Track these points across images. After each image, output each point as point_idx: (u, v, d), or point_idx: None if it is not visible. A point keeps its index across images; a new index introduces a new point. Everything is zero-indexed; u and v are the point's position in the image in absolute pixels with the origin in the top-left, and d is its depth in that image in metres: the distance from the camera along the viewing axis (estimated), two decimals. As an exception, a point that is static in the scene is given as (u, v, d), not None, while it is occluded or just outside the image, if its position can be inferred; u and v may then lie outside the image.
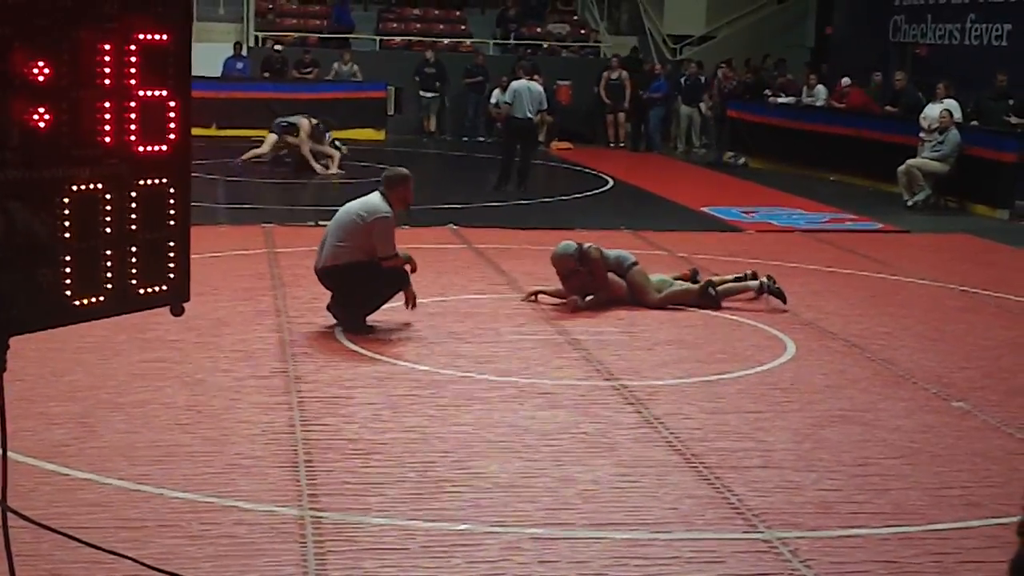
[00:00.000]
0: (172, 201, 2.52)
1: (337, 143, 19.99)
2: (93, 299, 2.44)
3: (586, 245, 10.53)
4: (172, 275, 2.54)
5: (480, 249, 13.06)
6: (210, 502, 5.89)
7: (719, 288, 10.75)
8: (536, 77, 20.18)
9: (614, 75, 25.89)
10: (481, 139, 26.03)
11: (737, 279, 10.98)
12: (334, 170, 19.38)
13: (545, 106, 19.07)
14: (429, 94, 26.37)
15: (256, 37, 27.65)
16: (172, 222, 2.53)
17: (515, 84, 18.53)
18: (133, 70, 2.35)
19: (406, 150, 23.18)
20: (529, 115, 18.18)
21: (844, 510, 6.12)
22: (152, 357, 8.35)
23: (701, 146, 25.67)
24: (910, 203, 17.90)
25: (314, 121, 19.70)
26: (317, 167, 19.36)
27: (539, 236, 13.71)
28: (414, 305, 9.49)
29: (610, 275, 10.57)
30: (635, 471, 6.55)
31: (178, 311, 2.56)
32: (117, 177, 2.44)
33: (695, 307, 10.61)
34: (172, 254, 2.52)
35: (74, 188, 2.36)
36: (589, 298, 10.43)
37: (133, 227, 2.47)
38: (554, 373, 8.43)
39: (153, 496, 5.92)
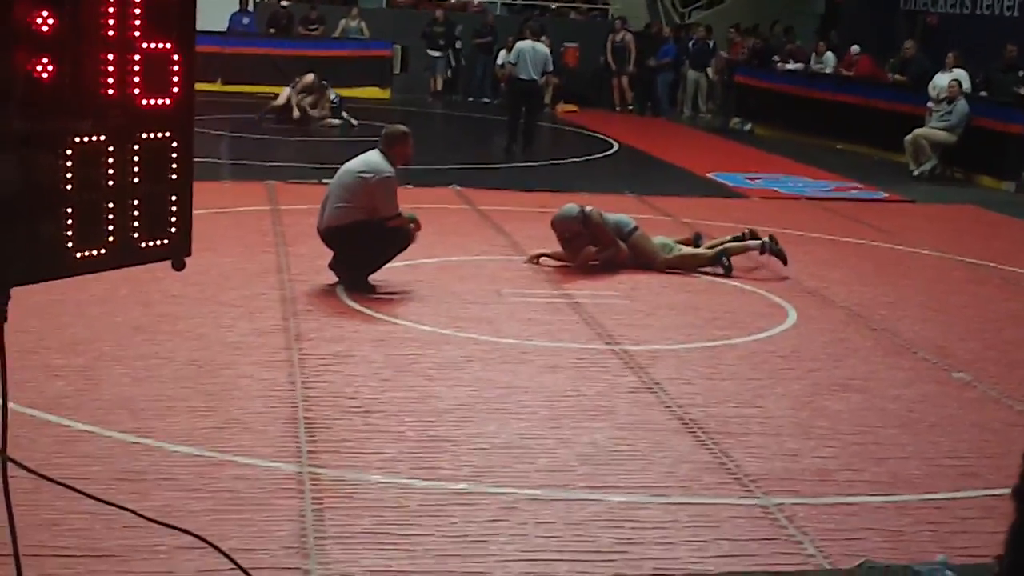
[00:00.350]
0: (175, 155, 2.52)
1: (345, 115, 20.07)
2: (94, 251, 2.44)
3: (587, 208, 10.53)
4: (174, 229, 2.54)
5: (483, 210, 13.05)
6: (210, 456, 5.91)
7: (721, 249, 10.74)
8: (543, 39, 20.13)
9: (618, 38, 25.78)
10: (487, 100, 25.95)
11: (735, 239, 10.96)
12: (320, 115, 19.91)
13: (551, 68, 18.98)
14: (436, 53, 26.27)
15: (262, -8, 27.53)
16: (174, 176, 2.53)
17: (519, 44, 18.45)
18: (137, 22, 2.35)
19: (411, 109, 23.12)
20: (533, 77, 18.11)
21: (841, 478, 6.14)
22: (154, 311, 8.36)
23: (707, 111, 25.59)
24: (916, 173, 17.87)
25: (317, 79, 20.09)
26: (300, 113, 19.86)
27: (542, 198, 13.70)
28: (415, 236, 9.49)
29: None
30: (633, 435, 6.57)
31: (179, 265, 2.56)
32: (119, 129, 2.44)
33: (701, 271, 10.60)
34: (174, 208, 2.52)
35: (76, 140, 2.36)
36: (593, 259, 10.45)
37: (135, 180, 2.47)
38: (555, 335, 8.44)
39: (153, 449, 5.95)
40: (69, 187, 2.36)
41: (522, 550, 5.11)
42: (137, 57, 2.40)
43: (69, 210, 2.36)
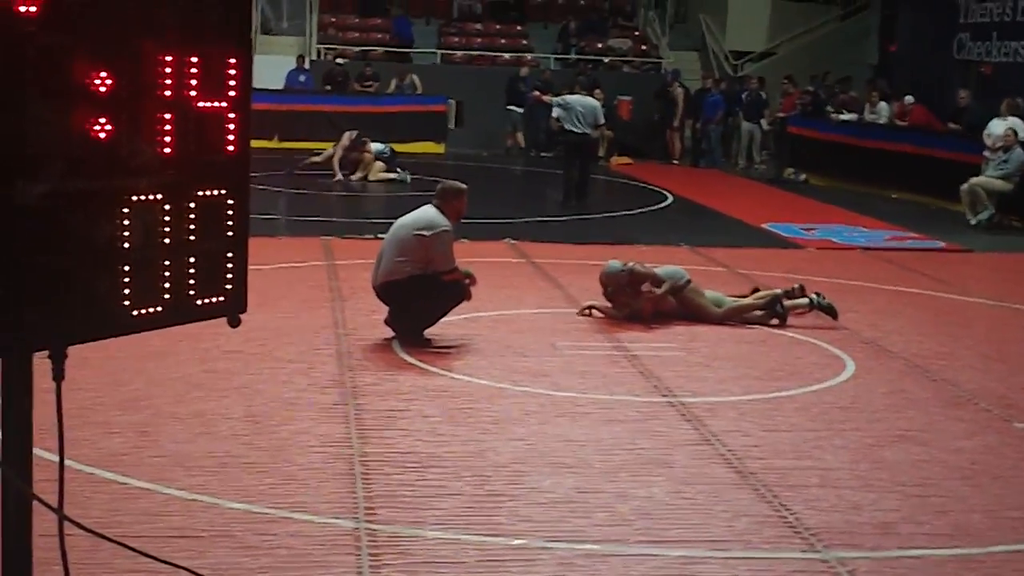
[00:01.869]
0: (230, 212, 2.54)
1: (399, 170, 20.30)
2: (151, 309, 2.46)
3: (630, 263, 10.51)
4: (229, 285, 2.56)
5: (538, 263, 13.06)
6: (266, 513, 5.91)
7: (773, 296, 10.65)
8: (597, 92, 20.17)
9: (672, 91, 25.86)
10: (544, 155, 26.05)
11: (786, 294, 10.80)
12: (362, 175, 20.24)
13: (601, 121, 19.04)
14: (518, 109, 26.38)
15: (318, 50, 27.87)
16: (230, 233, 2.55)
17: (568, 98, 18.52)
18: (193, 81, 2.37)
19: (467, 164, 23.22)
20: (585, 130, 18.18)
21: (903, 531, 6.04)
22: (211, 367, 8.41)
23: (761, 162, 25.53)
24: (973, 222, 17.70)
25: (353, 135, 20.61)
26: (339, 174, 20.15)
27: (597, 251, 13.67)
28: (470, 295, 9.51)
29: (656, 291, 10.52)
30: (691, 488, 6.51)
31: (235, 322, 2.57)
32: (176, 187, 2.46)
33: (756, 323, 10.54)
34: (230, 264, 2.53)
35: (133, 198, 2.38)
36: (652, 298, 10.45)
37: (191, 237, 2.49)
38: (611, 388, 8.40)
39: (210, 506, 5.96)
40: (126, 245, 2.38)
41: (580, 606, 5.06)
42: (193, 115, 2.43)
43: (126, 268, 2.37)
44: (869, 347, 9.90)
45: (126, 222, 2.38)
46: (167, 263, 2.45)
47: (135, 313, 2.43)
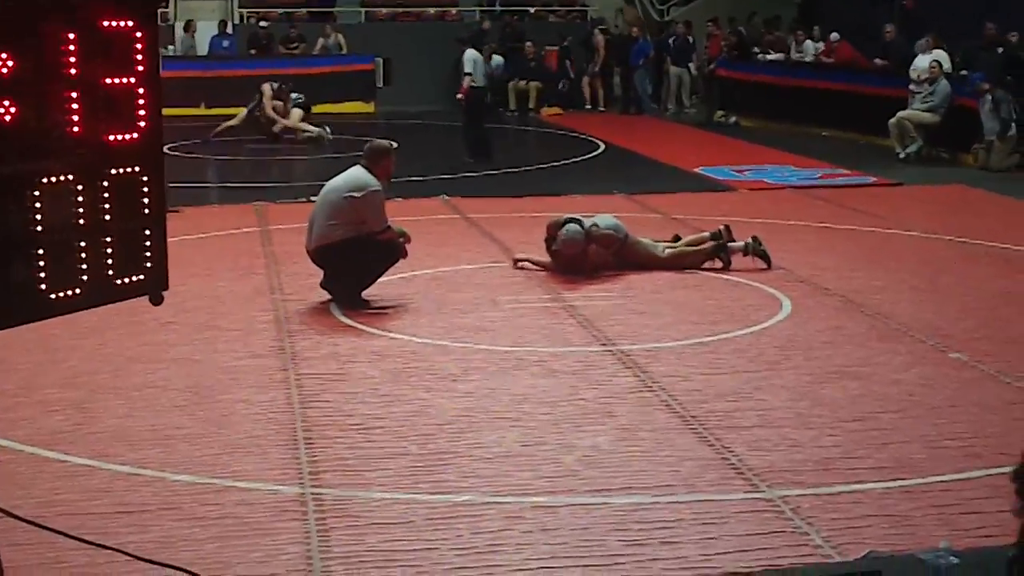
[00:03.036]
0: (146, 189, 2.50)
1: (322, 127, 20.15)
2: (69, 292, 2.42)
3: (587, 225, 10.39)
4: (149, 263, 2.52)
5: (473, 219, 13.03)
6: (211, 483, 5.89)
7: (720, 243, 10.68)
8: (528, 44, 19.89)
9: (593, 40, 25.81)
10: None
11: (713, 237, 10.80)
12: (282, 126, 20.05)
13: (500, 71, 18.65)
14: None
15: (240, 14, 27.51)
16: (147, 210, 2.51)
17: (470, 53, 18.07)
18: (99, 58, 2.32)
19: (395, 122, 23.09)
20: (483, 84, 17.94)
21: (844, 466, 6.13)
22: (148, 340, 8.34)
23: (691, 107, 25.58)
24: (902, 155, 17.87)
25: (275, 85, 20.39)
26: (280, 122, 20.09)
27: (532, 203, 13.69)
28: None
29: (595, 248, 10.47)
30: (635, 435, 6.56)
31: (157, 300, 2.54)
32: (88, 167, 2.42)
33: (694, 267, 10.55)
34: (148, 243, 2.50)
35: (44, 181, 2.34)
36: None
37: (107, 217, 2.45)
38: (551, 340, 8.42)
39: (154, 480, 5.92)
40: (39, 228, 2.33)
41: (530, 558, 5.10)
42: (101, 94, 2.38)
43: (40, 251, 2.33)
44: (804, 285, 9.99)
45: (38, 205, 2.33)
46: (83, 244, 2.40)
47: (53, 296, 2.39)
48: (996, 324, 8.82)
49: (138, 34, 2.34)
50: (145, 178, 2.51)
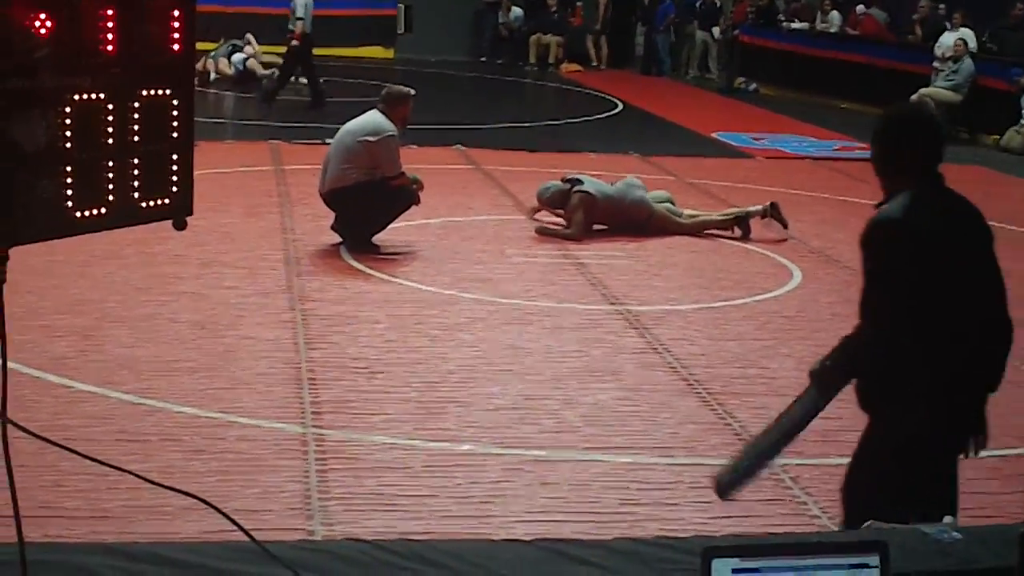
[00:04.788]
0: (175, 113, 2.48)
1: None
2: (94, 211, 2.40)
3: (574, 190, 10.29)
4: (175, 188, 2.51)
5: (487, 170, 13.00)
6: (214, 417, 5.91)
7: (742, 211, 10.62)
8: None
9: None
10: (486, 59, 25.77)
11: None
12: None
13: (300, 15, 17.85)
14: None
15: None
16: (175, 134, 2.49)
17: None
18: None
19: (415, 70, 23.00)
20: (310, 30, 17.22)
21: (845, 438, 6.10)
22: (157, 272, 8.34)
23: (716, 71, 25.41)
24: (921, 133, 17.76)
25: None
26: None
27: (547, 159, 13.64)
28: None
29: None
30: (638, 395, 6.56)
31: (181, 225, 2.53)
32: (119, 87, 2.40)
33: (710, 233, 10.50)
34: (175, 167, 2.48)
35: (75, 97, 2.32)
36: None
37: (135, 138, 2.43)
38: (559, 296, 8.42)
39: (157, 410, 5.95)
40: (68, 145, 2.32)
41: (527, 511, 5.12)
42: (137, 12, 2.36)
43: (68, 169, 2.31)
44: (816, 256, 9.97)
45: (68, 122, 2.32)
46: (111, 164, 2.39)
47: (78, 215, 2.38)
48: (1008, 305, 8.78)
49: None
50: (176, 102, 2.49)
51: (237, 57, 19.98)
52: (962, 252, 4.02)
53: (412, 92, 9.59)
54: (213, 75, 19.75)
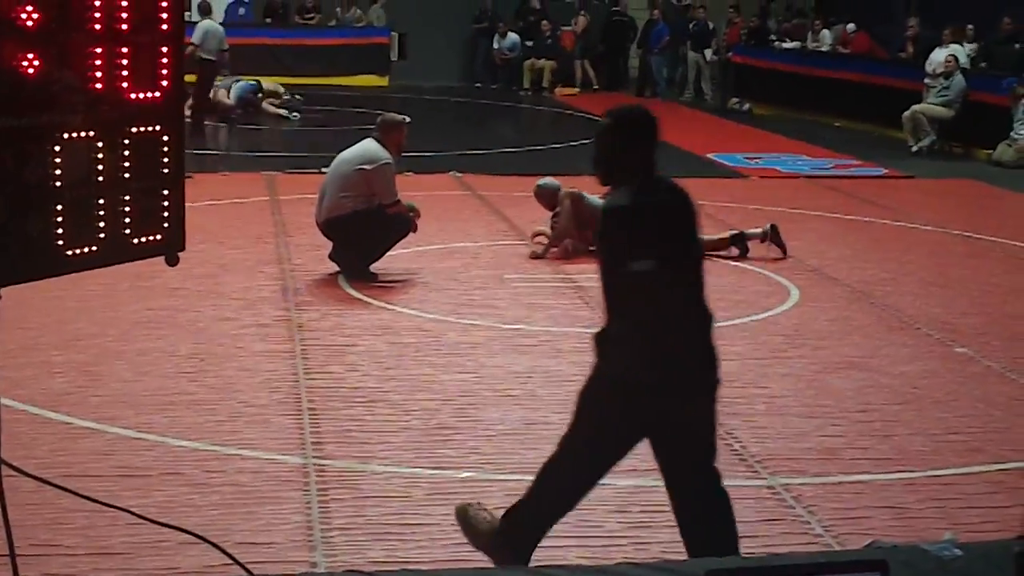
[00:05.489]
0: (165, 149, 2.49)
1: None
2: (86, 249, 2.41)
3: (563, 191, 10.47)
4: (167, 224, 2.52)
5: (484, 196, 13.02)
6: (213, 450, 5.90)
7: (738, 232, 10.63)
8: (544, 23, 19.54)
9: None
10: (480, 84, 25.84)
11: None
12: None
13: (226, 46, 17.97)
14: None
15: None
16: (166, 170, 2.50)
17: (205, 23, 17.33)
18: (124, 14, 2.31)
19: (410, 97, 23.04)
20: (213, 57, 17.29)
21: (847, 456, 6.12)
22: (155, 305, 8.34)
23: (709, 94, 25.44)
24: (915, 149, 17.81)
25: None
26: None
27: (543, 183, 13.61)
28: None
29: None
30: (638, 418, 6.54)
31: (173, 261, 2.54)
32: (109, 124, 2.41)
33: (713, 252, 10.50)
34: (166, 202, 2.49)
35: (65, 136, 2.33)
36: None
37: (126, 175, 2.44)
38: (558, 320, 8.42)
39: (156, 445, 5.93)
40: (59, 184, 2.33)
41: (529, 536, 5.08)
42: (125, 50, 2.37)
43: (59, 207, 2.32)
44: (813, 274, 9.98)
45: (57, 160, 2.33)
46: (101, 202, 2.40)
47: (70, 253, 2.38)
48: (1003, 320, 8.81)
49: (164, -8, 2.35)
50: (165, 137, 2.51)
51: (238, 88, 19.92)
52: (677, 233, 4.56)
53: (407, 119, 9.61)
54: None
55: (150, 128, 2.46)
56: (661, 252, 4.43)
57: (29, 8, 2.12)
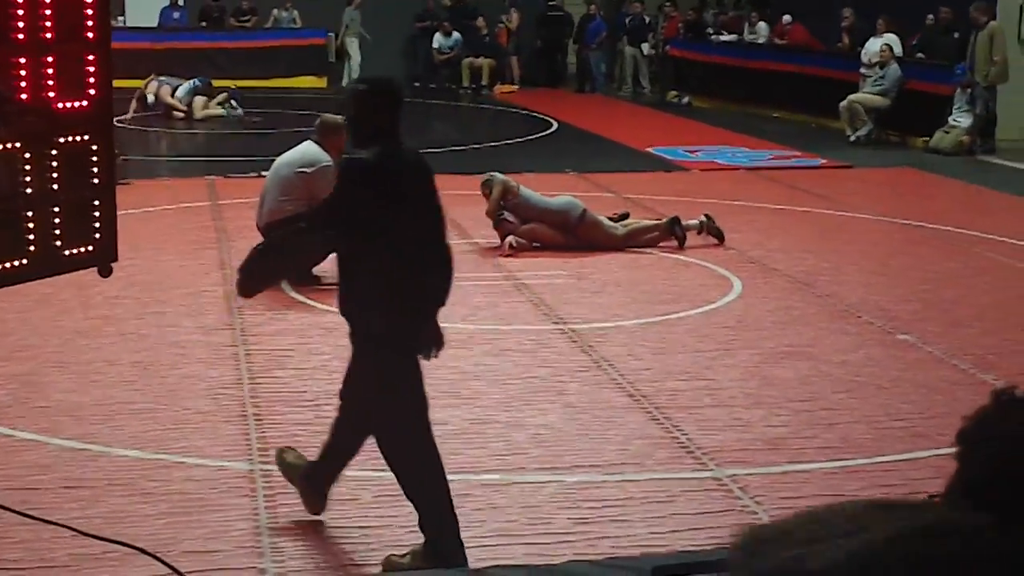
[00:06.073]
0: (95, 159, 2.46)
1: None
2: (16, 262, 2.38)
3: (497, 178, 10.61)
4: (98, 235, 2.48)
5: (425, 196, 12.96)
6: (159, 459, 5.85)
7: (672, 217, 10.70)
8: (479, 20, 19.67)
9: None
10: (419, 84, 25.78)
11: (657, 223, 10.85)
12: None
13: None
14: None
15: (193, -14, 27.21)
16: (96, 180, 2.47)
17: None
18: (48, 23, 2.27)
19: (342, 97, 22.89)
20: None
21: (792, 445, 6.17)
22: (96, 314, 8.26)
23: (649, 89, 25.52)
24: (853, 138, 17.97)
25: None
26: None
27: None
28: None
29: (536, 226, 10.49)
30: (585, 414, 6.57)
31: (106, 272, 2.50)
32: (36, 135, 2.38)
33: (647, 246, 10.56)
34: (97, 213, 2.45)
35: (-10, 148, 2.30)
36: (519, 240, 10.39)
37: (55, 186, 2.40)
38: (503, 318, 8.42)
39: (100, 455, 5.88)
40: (-15, 197, 2.30)
41: (479, 536, 5.10)
42: (50, 59, 2.33)
43: (-13, 220, 2.30)
44: (755, 266, 10.04)
45: (-18, 173, 2.30)
46: (30, 214, 2.36)
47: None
48: (943, 306, 8.91)
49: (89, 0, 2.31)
50: (94, 147, 2.47)
51: (183, 89, 19.75)
52: (415, 193, 4.91)
53: (343, 121, 9.55)
54: (151, 98, 19.56)
55: (78, 138, 2.43)
56: (401, 209, 4.76)
57: (-49, 19, 2.10)
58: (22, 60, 2.34)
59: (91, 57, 2.45)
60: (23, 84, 2.35)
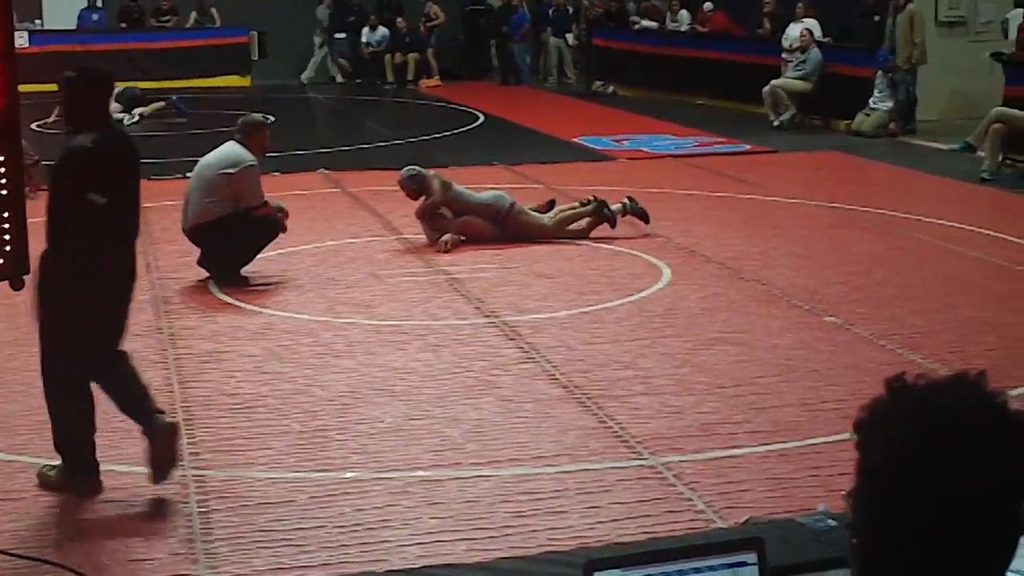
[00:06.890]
0: (3, 169, 2.41)
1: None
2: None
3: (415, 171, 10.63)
4: (8, 247, 2.44)
5: (353, 193, 12.94)
6: (89, 468, 5.77)
7: (600, 201, 10.73)
8: (399, 20, 19.61)
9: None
10: (344, 80, 25.66)
11: (583, 205, 10.87)
12: None
13: None
14: (341, 35, 25.86)
15: (110, -13, 26.86)
16: (4, 191, 2.43)
17: None
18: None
19: (274, 96, 22.78)
20: None
21: (724, 431, 6.23)
22: (23, 323, 8.10)
23: (574, 78, 25.57)
24: (776, 123, 18.13)
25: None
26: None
27: (412, 176, 13.57)
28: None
29: (469, 219, 10.48)
30: (519, 407, 6.58)
31: (18, 285, 2.46)
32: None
33: (578, 236, 10.58)
34: (6, 225, 2.41)
35: None
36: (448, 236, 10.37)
37: (-39, 199, 2.36)
38: (434, 313, 8.41)
39: (30, 466, 5.80)
40: None
41: (416, 533, 5.10)
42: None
43: None
44: (683, 253, 10.11)
45: None
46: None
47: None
48: (869, 287, 9.02)
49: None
50: (2, 158, 2.43)
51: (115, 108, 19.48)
52: (126, 170, 5.77)
53: (269, 119, 9.52)
54: None
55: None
56: (112, 186, 5.43)
57: None
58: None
59: (-2, 66, 2.41)
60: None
